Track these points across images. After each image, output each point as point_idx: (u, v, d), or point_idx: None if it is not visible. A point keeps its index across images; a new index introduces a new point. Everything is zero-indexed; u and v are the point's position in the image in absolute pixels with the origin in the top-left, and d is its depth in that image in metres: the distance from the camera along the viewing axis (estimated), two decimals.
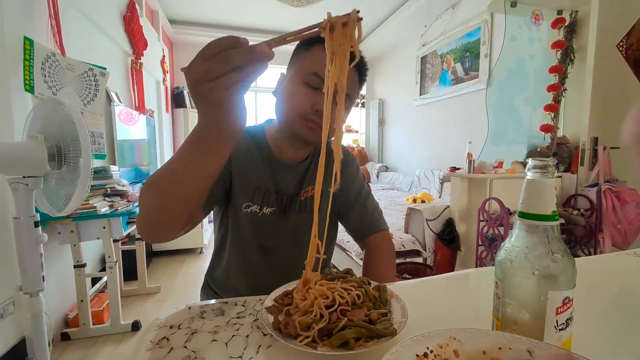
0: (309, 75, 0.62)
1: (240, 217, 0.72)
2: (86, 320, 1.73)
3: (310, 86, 0.62)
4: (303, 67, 0.64)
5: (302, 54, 0.65)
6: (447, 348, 0.30)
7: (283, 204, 0.74)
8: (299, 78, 0.64)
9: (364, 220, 0.81)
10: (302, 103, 0.63)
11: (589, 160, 2.11)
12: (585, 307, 0.47)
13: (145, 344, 0.41)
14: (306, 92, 0.63)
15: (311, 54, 0.64)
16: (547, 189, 0.31)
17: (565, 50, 2.27)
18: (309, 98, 0.62)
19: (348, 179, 0.81)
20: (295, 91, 0.64)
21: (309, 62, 0.63)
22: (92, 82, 1.89)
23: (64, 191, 1.11)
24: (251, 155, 0.72)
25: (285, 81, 0.68)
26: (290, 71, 0.68)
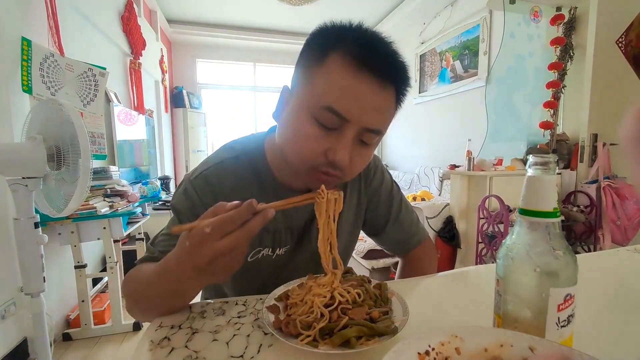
0: (320, 110, 0.44)
1: (246, 265, 0.56)
2: (87, 320, 1.73)
3: (321, 124, 0.45)
4: (313, 95, 0.45)
5: (311, 66, 0.46)
6: (448, 346, 0.30)
7: (297, 237, 0.63)
8: (306, 109, 0.46)
9: (400, 237, 0.71)
10: (311, 151, 0.46)
11: (589, 157, 2.11)
12: (587, 303, 0.47)
13: (146, 344, 0.41)
14: (317, 133, 0.45)
15: (327, 70, 0.44)
16: (548, 185, 0.31)
17: (564, 47, 2.26)
18: (322, 143, 0.45)
19: (373, 194, 0.68)
20: (302, 130, 0.46)
21: (321, 88, 0.44)
22: (92, 82, 1.89)
23: (63, 192, 1.11)
24: (250, 193, 0.53)
25: (290, 106, 0.49)
26: (296, 90, 0.49)
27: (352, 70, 0.43)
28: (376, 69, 0.43)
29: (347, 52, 0.43)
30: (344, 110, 0.43)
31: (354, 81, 0.43)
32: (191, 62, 4.87)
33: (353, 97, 0.43)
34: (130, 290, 0.51)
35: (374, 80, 0.44)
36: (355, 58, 0.43)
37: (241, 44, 4.79)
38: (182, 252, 0.40)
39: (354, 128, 0.45)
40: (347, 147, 0.45)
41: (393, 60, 0.46)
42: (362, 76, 0.43)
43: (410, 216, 0.72)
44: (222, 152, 0.60)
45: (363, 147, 0.48)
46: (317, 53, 0.46)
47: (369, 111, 0.44)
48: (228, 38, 4.58)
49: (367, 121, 0.45)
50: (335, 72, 0.44)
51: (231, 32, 4.47)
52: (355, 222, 0.68)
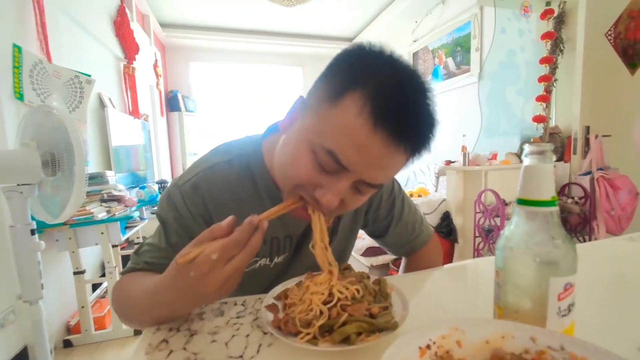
0: (321, 150, 0.40)
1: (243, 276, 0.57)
2: (88, 326, 1.72)
3: (317, 161, 0.41)
4: (318, 132, 0.40)
5: (326, 101, 0.40)
6: (449, 339, 0.30)
7: (296, 245, 0.61)
8: (308, 142, 0.41)
9: (404, 239, 0.69)
10: (301, 179, 0.43)
11: (582, 149, 2.13)
12: (586, 292, 0.47)
13: (144, 348, 0.40)
14: (313, 168, 0.41)
15: (339, 111, 0.38)
16: (545, 174, 0.31)
17: (555, 41, 2.28)
18: (313, 179, 0.42)
19: (374, 199, 0.65)
20: (298, 160, 0.42)
21: (329, 129, 0.39)
22: (78, 89, 1.87)
23: (59, 198, 1.10)
24: (245, 201, 0.53)
25: (296, 126, 0.44)
26: (306, 113, 0.43)
27: (368, 121, 0.37)
28: (396, 129, 0.37)
29: (368, 99, 0.37)
30: (345, 160, 0.39)
31: (366, 134, 0.37)
32: (185, 65, 4.85)
33: (359, 151, 0.38)
34: (119, 306, 0.50)
35: (390, 139, 0.38)
36: (374, 108, 0.37)
37: (235, 47, 4.78)
38: (183, 282, 0.38)
39: (351, 177, 0.41)
40: (338, 194, 0.42)
41: (419, 120, 0.39)
42: (377, 131, 0.37)
43: (414, 216, 0.69)
44: (214, 155, 0.56)
45: (357, 194, 0.44)
46: (337, 85, 0.40)
47: (374, 167, 0.40)
48: (221, 41, 4.56)
49: (369, 176, 0.41)
50: (348, 116, 0.38)
51: (224, 35, 4.46)
52: (354, 222, 0.66)
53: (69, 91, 1.84)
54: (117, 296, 0.51)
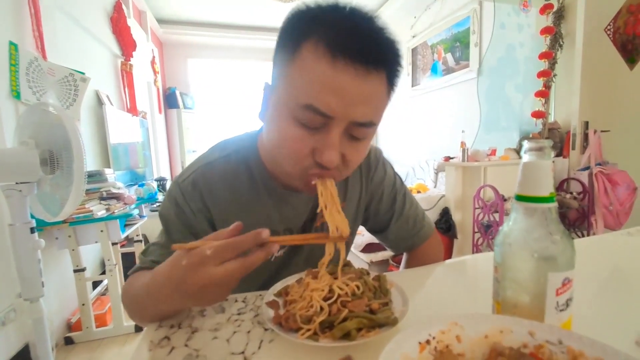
0: (299, 109, 0.40)
1: None
2: (89, 323, 1.72)
3: (303, 124, 0.41)
4: (290, 93, 0.41)
5: (286, 61, 0.41)
6: (449, 334, 0.30)
7: None
8: (286, 109, 0.41)
9: (405, 234, 0.68)
10: (297, 152, 0.42)
11: (580, 144, 2.13)
12: (584, 287, 0.48)
13: (146, 345, 0.41)
14: (300, 134, 0.41)
15: (302, 64, 0.39)
16: (543, 170, 0.31)
17: (554, 36, 2.27)
18: (307, 142, 0.41)
19: (375, 190, 0.65)
20: (284, 132, 0.42)
21: (297, 84, 0.40)
22: (72, 87, 1.86)
23: (58, 196, 1.10)
24: (243, 194, 0.54)
25: (271, 105, 0.45)
26: (275, 87, 0.44)
27: (328, 59, 0.37)
28: (356, 54, 0.37)
29: (321, 39, 0.38)
30: (324, 107, 0.38)
31: (332, 72, 0.37)
32: (183, 62, 4.82)
33: (333, 91, 0.38)
34: (128, 303, 0.51)
35: (355, 67, 0.37)
36: (330, 44, 0.37)
37: (233, 43, 4.75)
38: (175, 270, 0.37)
39: (340, 124, 0.40)
40: (334, 146, 0.41)
41: (377, 39, 0.39)
42: (340, 64, 0.37)
43: (415, 211, 0.68)
44: (211, 152, 0.57)
45: (356, 141, 0.44)
46: (290, 43, 0.40)
47: (355, 103, 0.39)
48: (219, 37, 4.54)
49: (354, 115, 0.40)
50: (310, 64, 0.38)
51: (222, 31, 4.43)
52: (356, 217, 0.66)
53: (63, 89, 1.83)
54: (125, 294, 0.52)
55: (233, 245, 0.36)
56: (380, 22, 0.41)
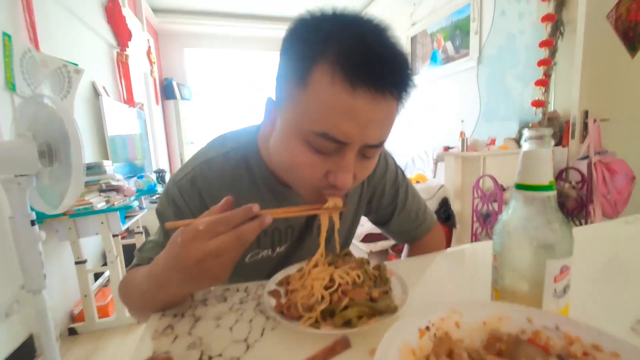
0: (313, 137, 0.39)
1: (241, 266, 0.56)
2: (92, 314, 1.75)
3: (318, 150, 0.40)
4: (302, 119, 0.40)
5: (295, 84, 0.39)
6: (448, 320, 0.30)
7: (298, 235, 0.60)
8: (298, 134, 0.41)
9: (408, 227, 0.69)
10: (311, 176, 0.42)
11: (580, 134, 2.13)
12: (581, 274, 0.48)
13: (150, 333, 0.41)
14: (314, 159, 0.41)
15: (313, 89, 0.38)
16: (543, 159, 0.31)
17: (555, 24, 2.24)
18: (320, 166, 0.41)
19: (378, 184, 0.65)
20: (297, 158, 0.42)
21: (311, 112, 0.38)
22: (66, 78, 1.84)
23: (58, 188, 1.10)
24: (242, 193, 0.53)
25: (279, 125, 0.44)
26: (282, 107, 0.43)
27: (346, 87, 0.36)
28: (375, 80, 0.36)
29: (337, 66, 0.36)
30: (341, 135, 0.38)
31: (350, 100, 0.36)
32: (179, 52, 4.75)
33: (350, 118, 0.37)
34: (126, 299, 0.51)
35: (372, 93, 0.36)
36: (346, 70, 0.36)
37: (230, 32, 4.67)
38: (172, 250, 0.38)
39: (354, 148, 0.40)
40: (349, 169, 0.41)
41: (392, 59, 0.38)
42: (359, 92, 0.36)
43: (417, 204, 0.69)
44: (210, 148, 0.56)
45: (366, 160, 0.44)
46: (299, 65, 0.38)
47: (370, 128, 0.39)
48: (216, 26, 4.46)
49: (369, 139, 0.40)
50: (325, 91, 0.37)
51: (219, 20, 4.36)
52: (357, 210, 0.66)
53: (57, 80, 1.80)
54: (123, 290, 0.52)
55: (225, 219, 0.35)
56: (391, 34, 0.39)
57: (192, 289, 0.46)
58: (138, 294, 0.47)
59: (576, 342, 0.27)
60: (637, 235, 0.71)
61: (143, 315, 0.49)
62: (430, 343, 0.29)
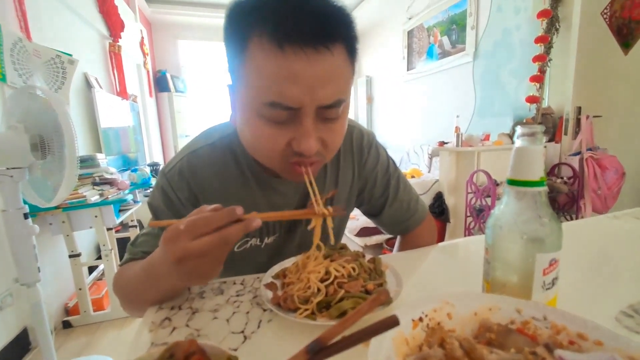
0: (264, 108, 0.39)
1: (234, 256, 0.57)
2: (86, 307, 1.75)
3: (273, 121, 0.41)
4: (249, 93, 0.41)
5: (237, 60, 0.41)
6: (440, 312, 0.31)
7: (287, 225, 0.60)
8: (250, 110, 0.41)
9: (400, 218, 0.68)
10: (272, 147, 0.42)
11: (573, 130, 2.16)
12: (570, 267, 0.50)
13: (147, 326, 0.42)
14: (272, 131, 0.41)
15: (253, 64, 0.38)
16: (535, 155, 0.32)
17: (551, 20, 2.25)
18: (281, 136, 0.41)
19: (369, 175, 0.65)
20: (256, 132, 0.42)
21: (255, 84, 0.39)
22: (60, 69, 1.80)
23: (51, 182, 1.09)
24: (229, 182, 0.53)
25: (238, 108, 0.45)
26: (235, 88, 0.44)
27: (276, 51, 0.36)
28: (302, 37, 0.36)
29: (264, 31, 0.36)
30: (288, 100, 0.38)
31: (284, 63, 0.36)
32: (173, 43, 4.68)
33: (292, 82, 0.37)
34: (121, 292, 0.51)
35: (305, 51, 0.36)
36: (273, 35, 0.36)
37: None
38: (160, 247, 0.38)
39: (308, 112, 0.39)
40: (309, 134, 0.40)
41: (320, 14, 0.37)
42: (289, 53, 0.36)
43: (409, 195, 0.68)
44: (196, 140, 0.56)
45: (330, 122, 0.42)
46: (236, 42, 0.39)
47: (317, 88, 0.38)
48: (210, 17, 4.40)
49: (320, 99, 0.39)
50: (261, 60, 0.37)
51: (213, 11, 4.29)
52: (349, 201, 0.66)
53: (51, 71, 1.77)
54: (118, 285, 0.52)
55: (206, 220, 0.34)
56: None
57: (181, 285, 0.46)
58: (132, 287, 0.48)
59: (563, 332, 0.28)
60: (624, 230, 0.73)
61: (136, 310, 0.50)
62: (423, 333, 0.30)
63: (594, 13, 2.10)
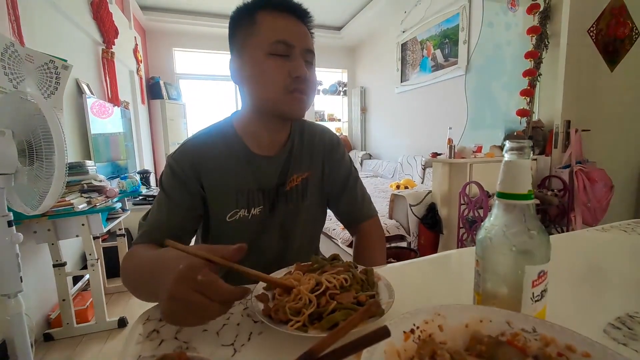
0: (272, 46, 0.58)
1: (224, 227, 0.67)
2: (69, 319, 1.69)
3: (278, 55, 0.59)
4: (260, 41, 0.59)
5: (247, 30, 0.61)
6: (432, 323, 0.31)
7: (270, 199, 0.69)
8: (261, 53, 0.59)
9: (353, 207, 0.80)
10: (279, 75, 0.59)
11: (562, 143, 2.21)
12: (559, 279, 0.50)
13: (134, 338, 0.41)
14: (277, 63, 0.59)
15: (261, 24, 0.60)
16: (523, 169, 0.32)
17: (540, 36, 2.33)
18: (283, 67, 0.59)
19: (334, 164, 0.78)
20: (265, 67, 0.59)
21: (265, 33, 0.59)
22: (53, 74, 1.78)
23: (37, 189, 1.06)
24: (223, 159, 0.66)
25: (246, 63, 0.62)
26: (244, 51, 0.62)
27: (279, 15, 0.60)
28: (291, 11, 0.61)
29: (269, 8, 0.61)
30: (289, 38, 0.59)
31: (284, 21, 0.60)
32: (168, 51, 4.69)
33: (288, 30, 0.60)
34: (125, 273, 0.55)
35: (294, 18, 0.62)
36: (277, 9, 0.61)
37: (220, 32, 4.64)
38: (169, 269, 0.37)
39: (299, 50, 0.60)
40: (301, 63, 0.60)
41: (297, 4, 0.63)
42: (286, 16, 0.61)
43: (363, 191, 0.82)
44: (193, 134, 0.71)
45: (309, 65, 0.63)
46: (246, 19, 0.61)
47: (302, 36, 0.61)
48: (206, 26, 4.43)
49: (304, 43, 0.61)
50: (269, 20, 0.60)
51: (209, 20, 4.33)
52: (321, 199, 0.77)
53: (44, 77, 1.75)
54: (125, 268, 0.55)
55: (222, 291, 0.35)
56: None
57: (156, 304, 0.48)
58: (137, 274, 0.51)
59: (552, 344, 0.28)
60: (611, 243, 0.74)
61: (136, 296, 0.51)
62: (415, 345, 0.29)
63: (581, 30, 2.18)
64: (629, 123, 2.40)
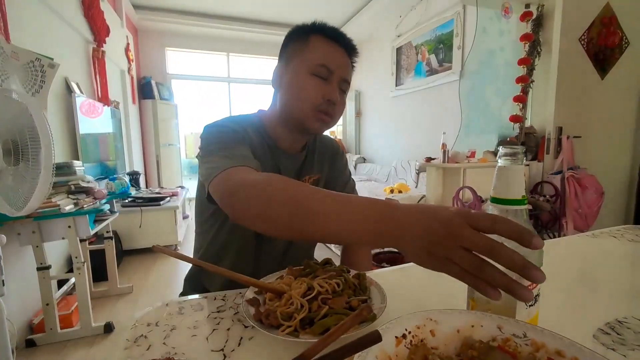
0: (315, 67, 0.63)
1: None
2: (53, 324, 1.63)
3: (318, 77, 0.64)
4: (307, 59, 0.64)
5: (299, 46, 0.66)
6: (424, 329, 0.31)
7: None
8: (304, 70, 0.64)
9: None
10: (314, 95, 0.63)
11: (554, 149, 2.24)
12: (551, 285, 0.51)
13: (122, 343, 0.39)
14: (315, 83, 0.63)
15: (312, 46, 0.65)
16: (516, 175, 0.32)
17: (533, 43, 2.37)
18: (320, 89, 0.64)
19: (337, 171, 0.83)
20: (304, 84, 0.64)
21: (313, 54, 0.64)
22: (39, 72, 1.74)
23: (22, 189, 1.03)
24: (256, 142, 0.70)
25: (288, 74, 0.67)
26: (290, 63, 0.67)
27: (329, 43, 0.66)
28: (341, 43, 0.67)
29: (322, 34, 0.66)
30: (331, 64, 0.64)
31: (332, 49, 0.66)
32: (160, 51, 4.65)
33: (333, 58, 0.65)
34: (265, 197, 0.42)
35: (341, 49, 0.67)
36: (329, 36, 0.66)
37: (214, 33, 4.63)
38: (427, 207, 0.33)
39: (337, 77, 0.65)
40: (335, 88, 0.65)
41: (348, 39, 0.69)
42: (335, 46, 0.66)
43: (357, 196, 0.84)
44: None
45: (342, 95, 0.68)
46: (301, 37, 0.67)
47: (343, 67, 0.66)
48: (200, 26, 4.41)
49: (343, 73, 0.66)
50: (320, 45, 0.65)
51: (203, 20, 4.31)
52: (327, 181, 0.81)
53: (29, 74, 1.71)
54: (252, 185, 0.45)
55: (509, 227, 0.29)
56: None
57: (385, 244, 0.36)
58: (294, 201, 0.40)
59: (542, 349, 0.28)
60: (601, 249, 0.75)
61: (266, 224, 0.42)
62: (406, 350, 0.29)
63: (573, 38, 2.23)
64: (619, 130, 2.46)
